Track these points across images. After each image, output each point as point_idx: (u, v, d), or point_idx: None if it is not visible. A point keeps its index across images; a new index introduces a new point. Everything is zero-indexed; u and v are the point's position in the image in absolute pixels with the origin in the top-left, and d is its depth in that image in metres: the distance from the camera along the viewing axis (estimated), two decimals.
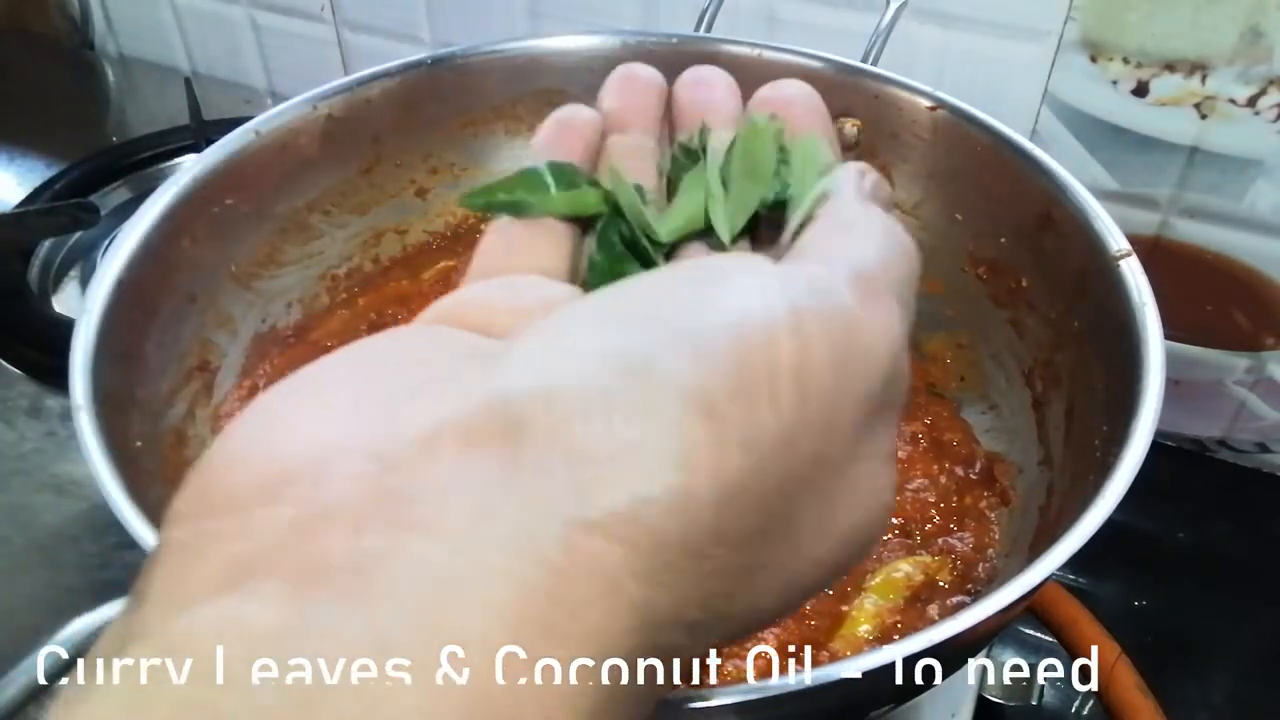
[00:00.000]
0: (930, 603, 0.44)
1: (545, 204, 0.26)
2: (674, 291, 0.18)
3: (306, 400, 0.18)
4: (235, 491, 0.16)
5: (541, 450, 0.16)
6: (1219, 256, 0.61)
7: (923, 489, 0.48)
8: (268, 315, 0.56)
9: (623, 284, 0.19)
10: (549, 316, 0.18)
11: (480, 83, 0.61)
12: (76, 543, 0.56)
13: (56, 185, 0.79)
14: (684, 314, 0.17)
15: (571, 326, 0.18)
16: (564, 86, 0.62)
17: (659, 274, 0.20)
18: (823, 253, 0.20)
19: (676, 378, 0.16)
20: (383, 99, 0.58)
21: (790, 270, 0.19)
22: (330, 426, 0.17)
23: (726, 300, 0.18)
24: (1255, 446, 0.66)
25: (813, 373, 0.17)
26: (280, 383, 0.19)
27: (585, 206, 0.26)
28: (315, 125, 0.55)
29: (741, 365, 0.17)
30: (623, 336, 0.17)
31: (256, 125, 0.53)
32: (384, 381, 0.18)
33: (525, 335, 0.18)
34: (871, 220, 0.22)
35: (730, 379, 0.17)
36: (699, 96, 0.28)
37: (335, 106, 0.56)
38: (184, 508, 0.17)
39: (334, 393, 0.18)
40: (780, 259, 0.21)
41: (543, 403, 0.16)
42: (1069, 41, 0.59)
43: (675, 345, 0.17)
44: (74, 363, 0.40)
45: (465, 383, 0.17)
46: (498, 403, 0.16)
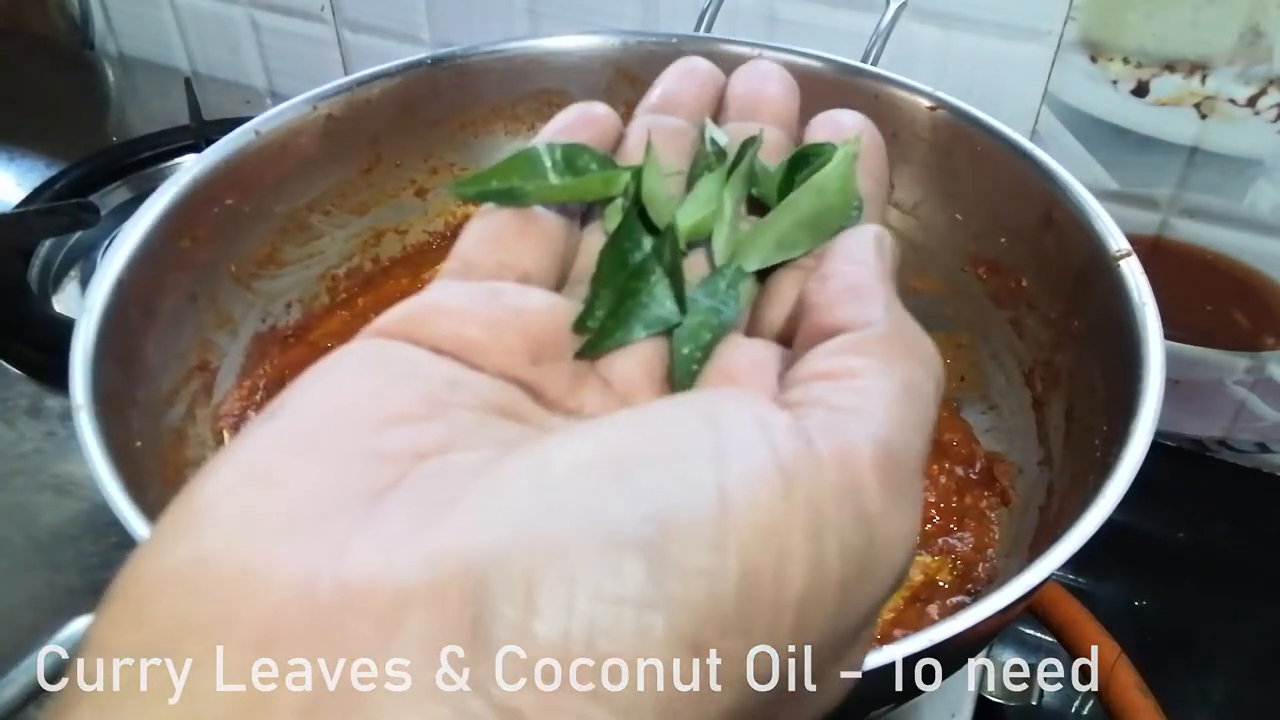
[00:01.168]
0: (930, 603, 0.44)
1: (543, 191, 0.23)
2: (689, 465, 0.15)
3: (247, 502, 0.16)
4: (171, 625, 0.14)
5: (513, 666, 0.14)
6: (1219, 256, 0.61)
7: (922, 489, 0.48)
8: (268, 315, 0.56)
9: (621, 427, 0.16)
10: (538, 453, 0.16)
11: (480, 83, 0.61)
12: (76, 543, 0.56)
13: (56, 185, 0.79)
14: (693, 512, 0.15)
15: (568, 482, 0.15)
16: (564, 86, 0.62)
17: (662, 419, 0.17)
18: (843, 400, 0.17)
19: (674, 604, 0.14)
20: (383, 99, 0.58)
21: (809, 443, 0.16)
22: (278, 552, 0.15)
23: (743, 503, 0.15)
24: (1255, 446, 0.66)
25: (818, 603, 0.15)
26: (223, 459, 0.16)
27: (588, 192, 0.24)
28: (315, 125, 0.55)
29: (743, 593, 0.15)
30: (624, 524, 0.15)
31: (256, 125, 0.53)
32: (333, 481, 0.16)
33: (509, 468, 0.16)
34: (902, 337, 0.19)
35: (728, 609, 0.14)
36: (753, 89, 0.27)
37: (335, 106, 0.56)
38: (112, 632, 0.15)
39: (277, 493, 0.16)
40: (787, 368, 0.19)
41: (524, 598, 0.14)
42: (1069, 41, 0.59)
43: (678, 558, 0.14)
44: (74, 363, 0.40)
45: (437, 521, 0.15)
46: (473, 582, 0.14)
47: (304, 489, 0.16)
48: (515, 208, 0.23)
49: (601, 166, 0.24)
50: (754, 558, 0.15)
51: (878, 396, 0.18)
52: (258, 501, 0.16)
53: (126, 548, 0.17)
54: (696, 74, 0.27)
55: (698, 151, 0.26)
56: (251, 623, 0.14)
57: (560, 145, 0.24)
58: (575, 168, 0.24)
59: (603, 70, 0.62)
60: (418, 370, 0.18)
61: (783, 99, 0.27)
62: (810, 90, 0.63)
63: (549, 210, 0.23)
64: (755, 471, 0.15)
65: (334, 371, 0.18)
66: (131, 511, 0.34)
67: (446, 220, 0.64)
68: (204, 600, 0.14)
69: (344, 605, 0.14)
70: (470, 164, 0.63)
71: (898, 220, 0.58)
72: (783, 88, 0.27)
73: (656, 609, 0.14)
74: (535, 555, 0.14)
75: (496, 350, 0.19)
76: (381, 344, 0.19)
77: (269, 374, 0.54)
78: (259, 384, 0.53)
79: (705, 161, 0.25)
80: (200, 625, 0.14)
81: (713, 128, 0.26)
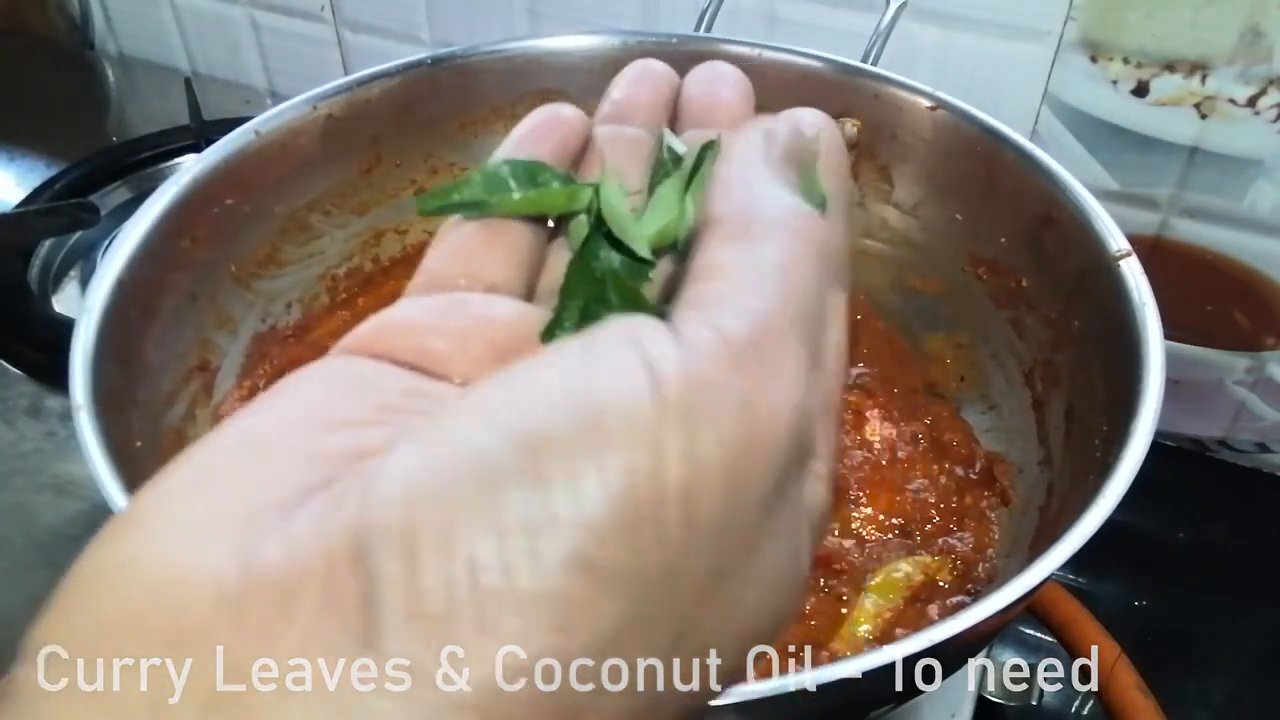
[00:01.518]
0: (930, 603, 0.44)
1: (505, 204, 0.23)
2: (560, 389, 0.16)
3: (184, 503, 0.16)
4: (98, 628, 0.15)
5: (401, 619, 0.14)
6: (1219, 256, 0.61)
7: (923, 489, 0.48)
8: (268, 315, 0.56)
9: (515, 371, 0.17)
10: (434, 418, 0.16)
11: (480, 83, 0.61)
12: (76, 543, 0.55)
13: (56, 185, 0.79)
14: (566, 429, 0.15)
15: (449, 435, 0.16)
16: (564, 86, 0.62)
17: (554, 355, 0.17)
18: (707, 294, 0.18)
19: (553, 526, 0.14)
20: (383, 99, 0.58)
21: (675, 343, 0.16)
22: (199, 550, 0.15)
23: (613, 409, 0.15)
24: (1255, 446, 0.66)
25: (704, 492, 0.15)
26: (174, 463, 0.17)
27: (551, 206, 0.24)
28: (315, 125, 0.55)
29: (625, 500, 0.15)
30: (498, 457, 0.15)
31: (256, 125, 0.53)
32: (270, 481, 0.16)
33: (403, 439, 0.16)
34: (761, 216, 0.19)
35: (613, 518, 0.15)
36: (708, 92, 0.27)
37: (335, 106, 0.56)
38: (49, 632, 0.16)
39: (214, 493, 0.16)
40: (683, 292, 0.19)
41: (403, 551, 0.14)
42: (1069, 41, 0.59)
43: (552, 477, 0.15)
44: (74, 363, 0.40)
45: (341, 502, 0.15)
46: (357, 547, 0.14)
47: (240, 491, 0.16)
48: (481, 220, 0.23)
49: (563, 183, 0.25)
50: (629, 460, 0.15)
51: (738, 280, 0.18)
52: (194, 503, 0.16)
53: None
54: (650, 77, 0.27)
55: (656, 159, 0.26)
56: (164, 620, 0.15)
57: (522, 161, 0.24)
58: (537, 183, 0.24)
59: (603, 70, 0.61)
60: (377, 383, 0.19)
61: (738, 102, 0.27)
62: (810, 90, 0.64)
63: (516, 221, 0.23)
64: (622, 378, 0.16)
65: (295, 385, 0.19)
66: None
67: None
68: (126, 599, 0.15)
69: (246, 594, 0.14)
70: (470, 164, 0.63)
71: (898, 220, 0.58)
72: (738, 91, 0.27)
73: (540, 534, 0.14)
74: (413, 509, 0.14)
75: (461, 359, 0.20)
76: (346, 360, 0.19)
77: (269, 374, 0.54)
78: (259, 384, 0.53)
79: (664, 169, 0.26)
80: (119, 624, 0.15)
81: (670, 137, 0.26)
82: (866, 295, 0.60)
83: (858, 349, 0.57)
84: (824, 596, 0.43)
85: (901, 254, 0.58)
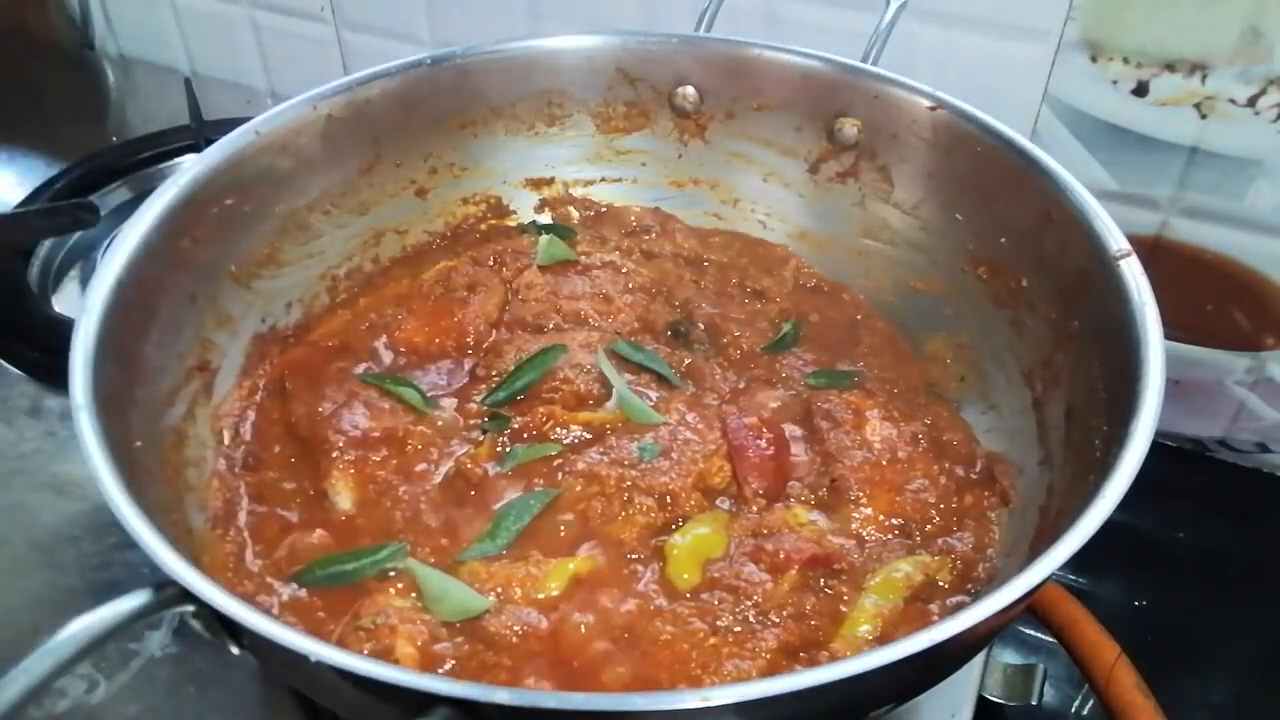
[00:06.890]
0: (930, 603, 0.44)
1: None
2: None
3: None
4: None
5: None
6: (1219, 256, 0.61)
7: (923, 489, 0.48)
8: (268, 315, 0.56)
9: None
10: None
11: (480, 83, 0.61)
12: (76, 543, 0.56)
13: (56, 185, 0.79)
14: None
15: None
16: (564, 86, 0.62)
17: None
18: None
19: None
20: (383, 99, 0.58)
21: None
22: None
23: None
24: (1255, 446, 0.66)
25: None
26: None
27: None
28: (315, 125, 0.55)
29: None
30: None
31: (256, 125, 0.53)
32: None
33: None
34: None
35: None
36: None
37: (335, 106, 0.56)
38: None
39: None
40: None
41: None
42: (1069, 41, 0.59)
43: None
44: (74, 363, 0.40)
45: None
46: None
47: None
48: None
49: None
50: None
51: None
52: None
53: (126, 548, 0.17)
54: None
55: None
56: None
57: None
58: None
59: (603, 70, 0.62)
60: None
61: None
62: (810, 90, 0.64)
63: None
64: None
65: None
66: (131, 511, 0.34)
67: (446, 220, 0.64)
68: None
69: None
70: (470, 164, 0.63)
71: (898, 220, 0.59)
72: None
73: None
74: None
75: None
76: None
77: (269, 374, 0.54)
78: (259, 384, 0.53)
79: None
80: None
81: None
82: (866, 295, 0.60)
83: (858, 349, 0.57)
84: (824, 596, 0.43)
85: (902, 254, 0.58)
